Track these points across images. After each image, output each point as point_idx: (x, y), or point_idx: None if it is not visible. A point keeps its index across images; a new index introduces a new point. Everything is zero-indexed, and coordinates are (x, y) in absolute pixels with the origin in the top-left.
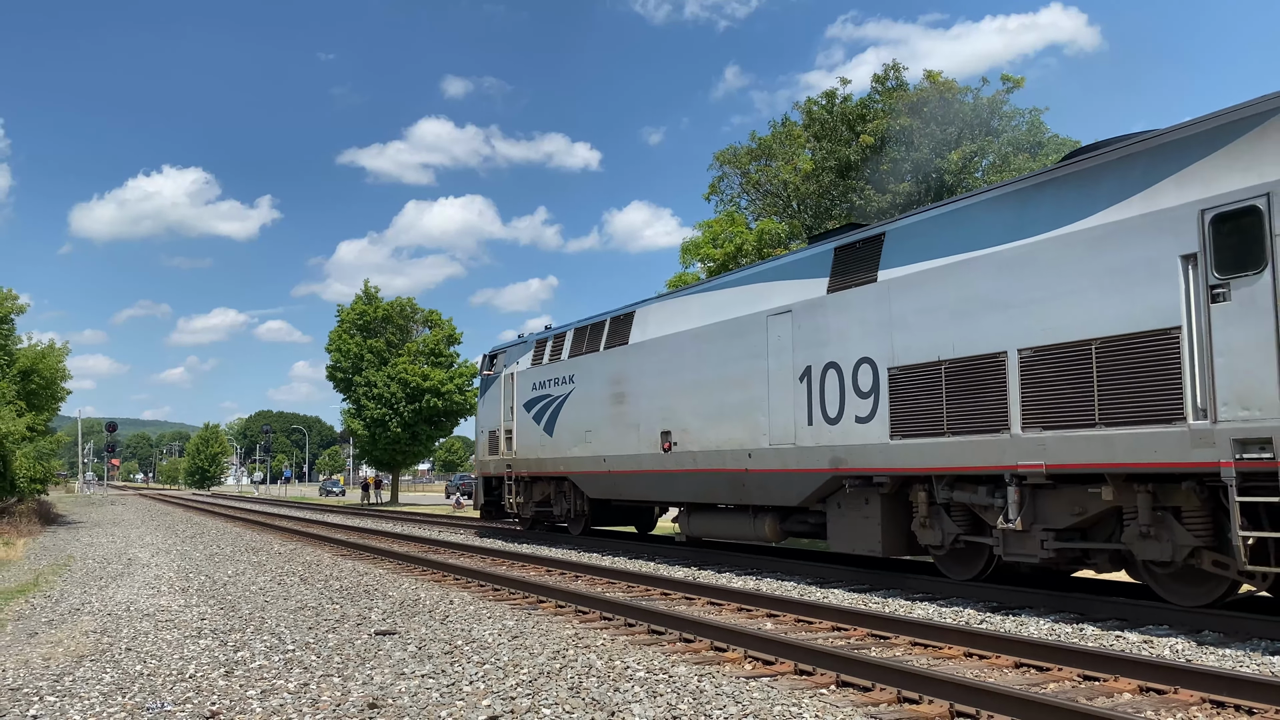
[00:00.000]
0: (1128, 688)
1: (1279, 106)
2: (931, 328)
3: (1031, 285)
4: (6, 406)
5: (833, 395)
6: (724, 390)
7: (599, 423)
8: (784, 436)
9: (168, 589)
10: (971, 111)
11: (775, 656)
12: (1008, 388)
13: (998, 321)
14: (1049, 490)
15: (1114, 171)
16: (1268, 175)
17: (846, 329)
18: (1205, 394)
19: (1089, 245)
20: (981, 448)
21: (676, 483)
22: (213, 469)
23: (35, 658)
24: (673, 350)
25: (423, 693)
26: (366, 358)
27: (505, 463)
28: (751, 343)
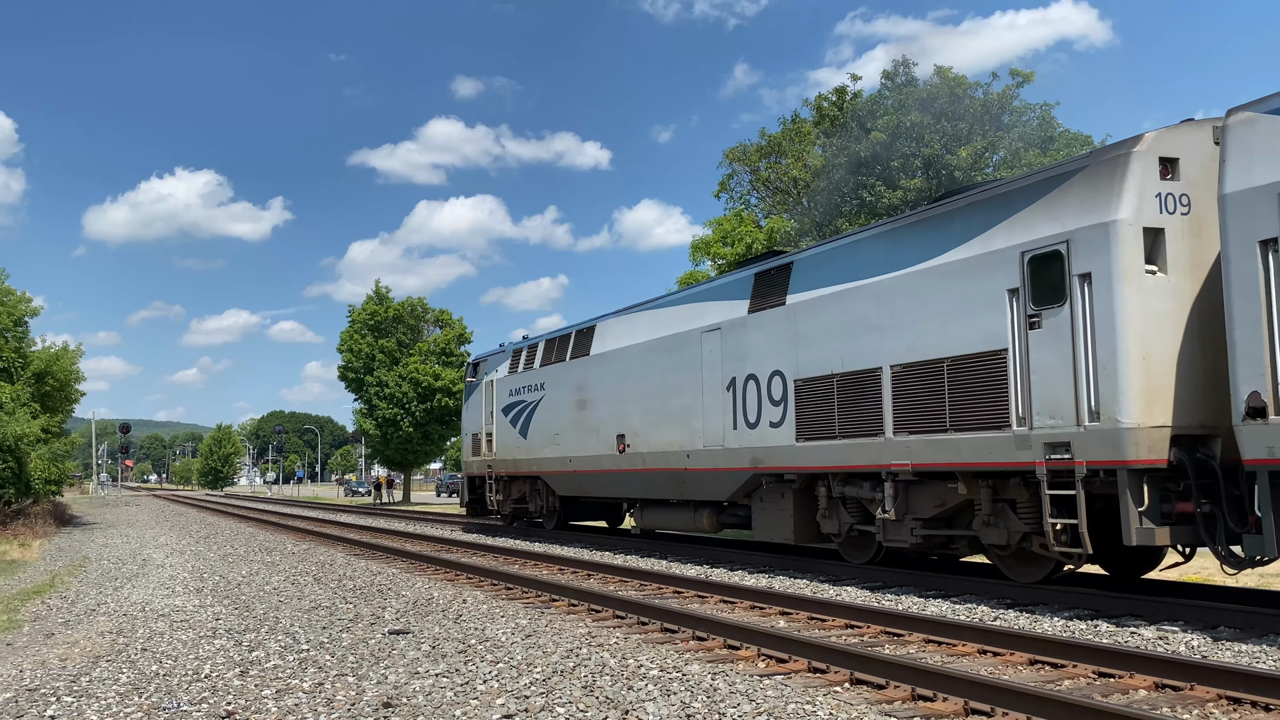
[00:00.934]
0: (1143, 684)
1: (1077, 169)
2: (826, 345)
3: (900, 311)
4: (21, 409)
5: (752, 403)
6: (667, 397)
7: (565, 426)
8: (715, 439)
9: (182, 589)
10: (982, 107)
11: (789, 654)
12: (882, 398)
13: (874, 341)
14: (917, 485)
15: (961, 216)
16: (1068, 225)
17: (763, 345)
18: (1025, 405)
19: (942, 278)
20: (864, 449)
21: (630, 481)
22: (226, 469)
23: (52, 658)
24: (626, 361)
25: (437, 692)
26: (378, 357)
27: (486, 463)
28: (688, 356)
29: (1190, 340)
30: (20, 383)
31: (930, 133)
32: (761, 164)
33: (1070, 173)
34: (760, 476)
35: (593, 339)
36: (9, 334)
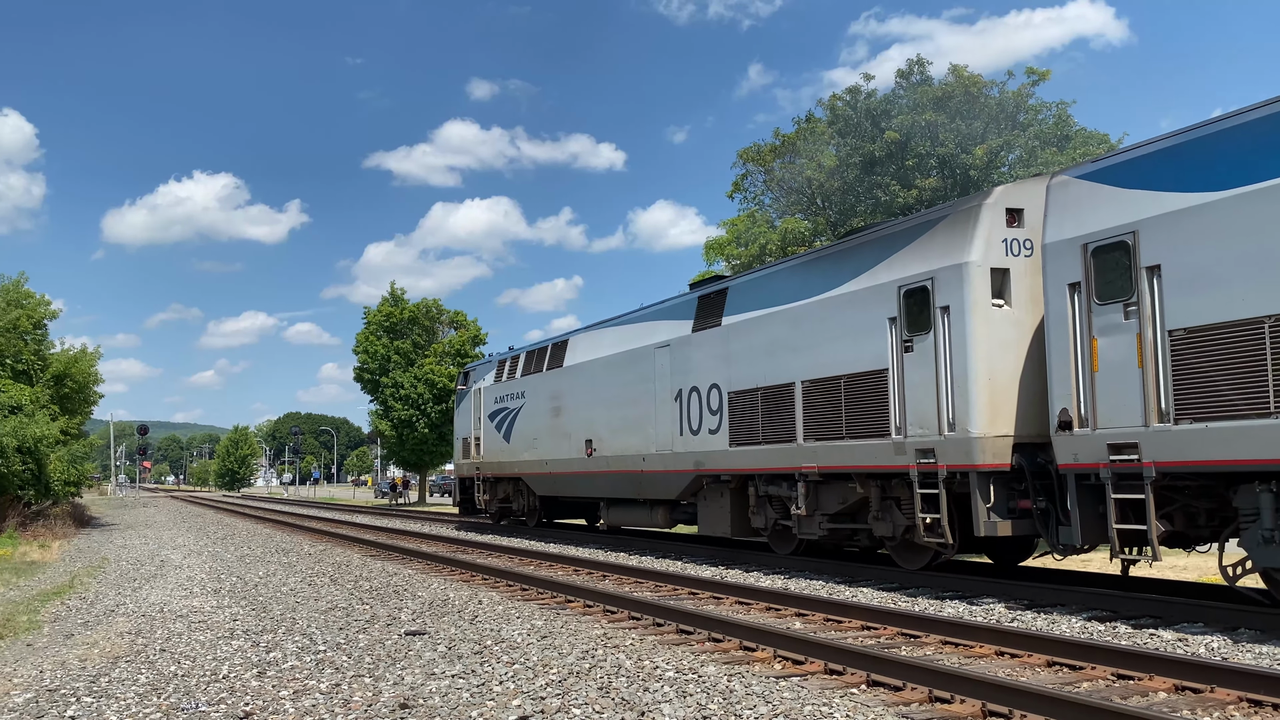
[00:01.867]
0: (1163, 686)
1: (942, 216)
2: (753, 362)
3: (808, 334)
4: (41, 411)
5: (695, 412)
6: (626, 406)
7: (542, 432)
8: (665, 444)
9: (200, 590)
10: (997, 105)
11: (805, 656)
12: (795, 409)
13: (789, 359)
14: (824, 485)
15: (856, 254)
16: (933, 264)
17: (704, 361)
18: (901, 417)
19: (840, 307)
20: (781, 453)
21: (597, 482)
22: (242, 471)
23: (72, 659)
24: (593, 373)
25: (453, 693)
26: (393, 359)
27: (475, 465)
28: (644, 369)
29: (1030, 363)
30: (40, 385)
31: (945, 132)
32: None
33: (937, 220)
34: (702, 478)
35: (566, 352)
36: (29, 337)
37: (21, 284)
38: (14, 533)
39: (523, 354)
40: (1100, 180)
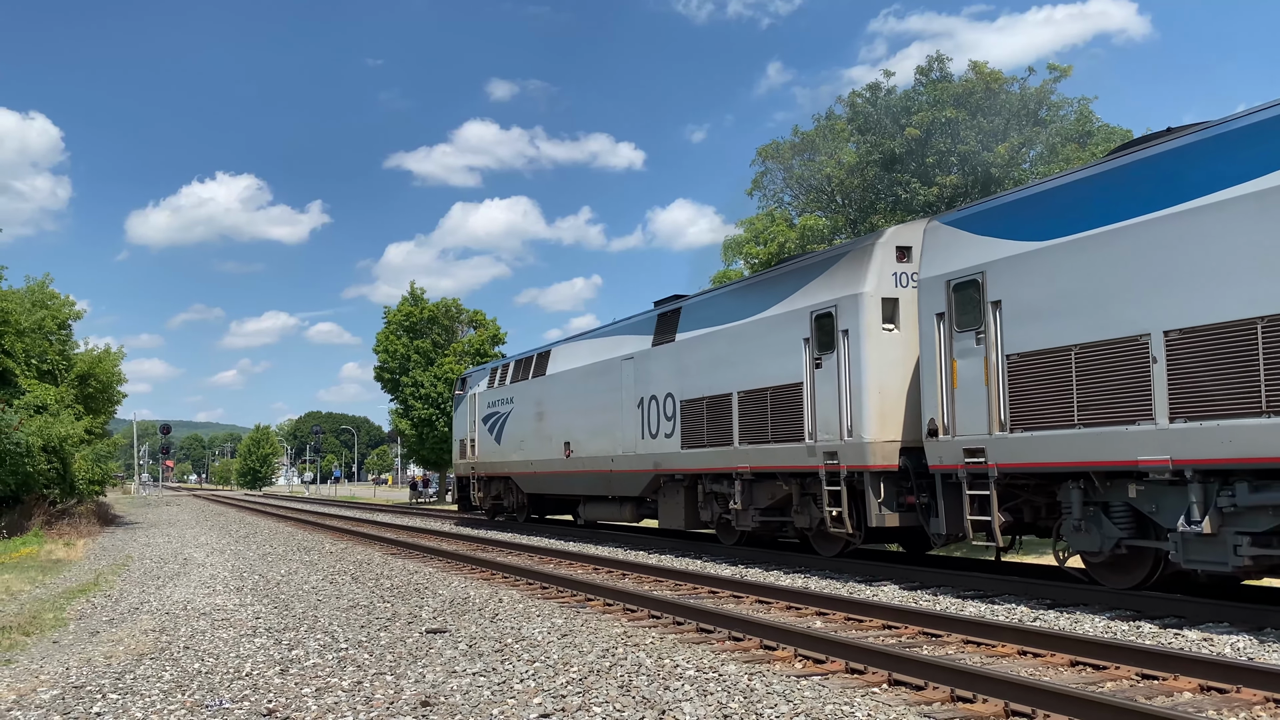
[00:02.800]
0: (1188, 686)
1: (845, 252)
2: (700, 374)
3: (743, 350)
4: (65, 410)
5: (654, 418)
6: (598, 413)
7: (528, 435)
8: (630, 447)
9: (223, 588)
10: (1018, 102)
11: (826, 655)
12: (733, 417)
13: (728, 372)
14: (756, 483)
15: (781, 281)
16: (837, 293)
17: (661, 372)
18: (813, 424)
19: (768, 327)
20: (722, 455)
21: (575, 480)
22: (264, 469)
23: (98, 656)
24: (571, 381)
25: (474, 691)
26: (413, 358)
27: (470, 465)
28: (613, 379)
29: (914, 379)
30: (64, 385)
31: (966, 129)
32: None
33: (842, 254)
34: (660, 477)
35: (548, 362)
36: (53, 337)
37: (46, 285)
38: (40, 531)
39: (512, 363)
40: (961, 227)
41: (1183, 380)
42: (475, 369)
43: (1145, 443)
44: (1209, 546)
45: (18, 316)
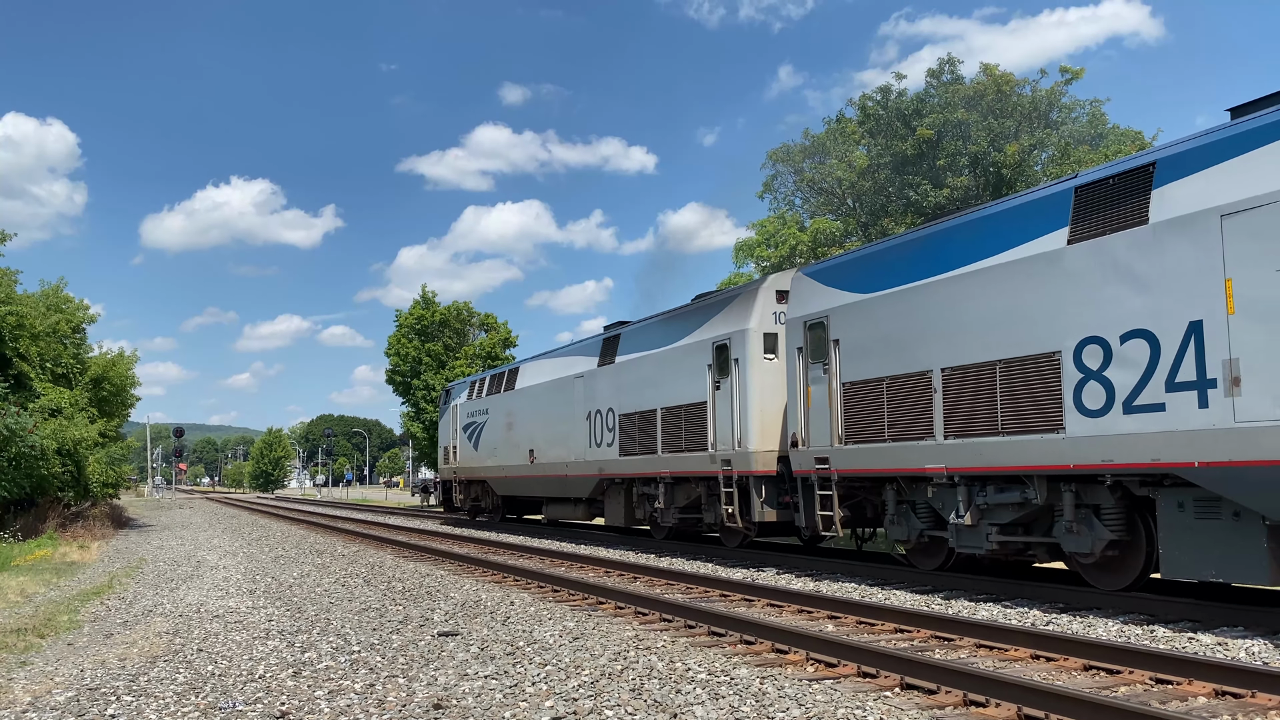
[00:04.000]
0: (1202, 691)
1: (738, 294)
2: (633, 392)
3: (665, 373)
4: (79, 414)
5: (599, 429)
6: (556, 424)
7: (500, 443)
8: (580, 454)
9: (236, 591)
10: (1030, 104)
11: (838, 659)
12: (656, 429)
13: (654, 392)
14: (675, 486)
15: (694, 315)
16: (731, 328)
17: (604, 389)
18: (714, 437)
19: (683, 353)
20: (649, 462)
21: (537, 483)
22: (276, 472)
23: (111, 658)
24: (534, 395)
25: (486, 694)
26: (425, 361)
27: (453, 470)
28: (568, 394)
29: (788, 400)
30: (78, 388)
31: (977, 130)
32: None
33: (736, 295)
34: (604, 480)
35: (517, 377)
36: (68, 340)
37: (61, 289)
38: (54, 533)
39: (488, 377)
40: (815, 278)
41: (952, 407)
42: (457, 382)
43: (930, 455)
44: (972, 534)
45: (32, 320)
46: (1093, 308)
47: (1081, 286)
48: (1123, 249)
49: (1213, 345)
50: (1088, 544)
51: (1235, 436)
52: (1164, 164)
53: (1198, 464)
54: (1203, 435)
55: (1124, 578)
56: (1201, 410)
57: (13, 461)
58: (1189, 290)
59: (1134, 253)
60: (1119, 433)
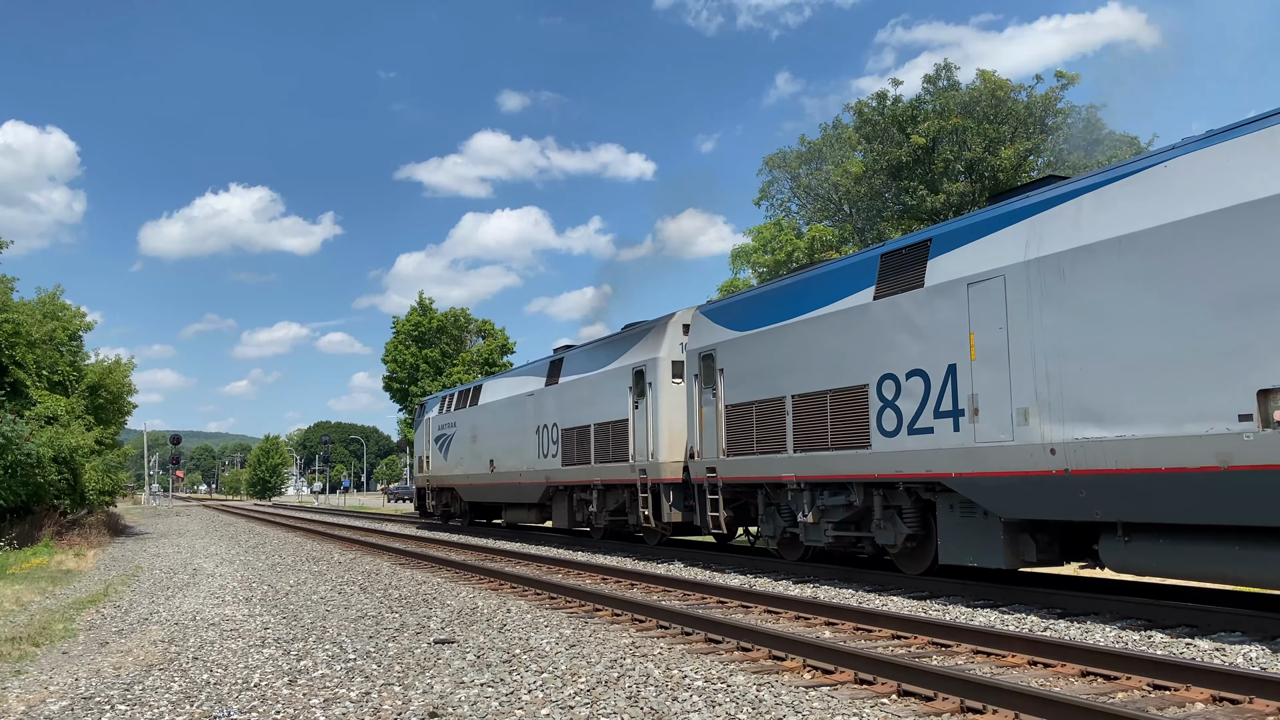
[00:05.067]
0: (1200, 697)
1: (653, 327)
2: (573, 409)
3: (597, 394)
4: (76, 421)
5: (546, 442)
6: (511, 437)
7: (466, 454)
8: (531, 464)
9: (232, 599)
10: (1025, 109)
11: (835, 665)
12: (590, 442)
13: (588, 409)
14: (606, 492)
15: (620, 343)
16: (646, 356)
17: (551, 407)
18: (634, 449)
19: (610, 377)
20: (584, 471)
21: (497, 490)
22: (273, 479)
23: (106, 666)
24: (494, 411)
25: (482, 701)
26: (422, 368)
27: (426, 478)
28: (521, 410)
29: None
30: (75, 396)
31: (973, 136)
32: (802, 170)
33: (652, 328)
34: (550, 487)
35: (480, 394)
36: (64, 348)
37: (57, 296)
38: (50, 541)
39: (456, 393)
40: (708, 316)
41: (799, 427)
42: (430, 396)
43: (785, 465)
44: (815, 530)
45: (29, 328)
46: (889, 351)
47: (882, 334)
48: (908, 306)
49: (962, 383)
50: (893, 538)
51: (976, 454)
52: (936, 240)
53: (954, 475)
54: (956, 452)
55: (921, 565)
56: (955, 433)
57: (9, 469)
58: (948, 340)
59: (914, 309)
60: (905, 450)
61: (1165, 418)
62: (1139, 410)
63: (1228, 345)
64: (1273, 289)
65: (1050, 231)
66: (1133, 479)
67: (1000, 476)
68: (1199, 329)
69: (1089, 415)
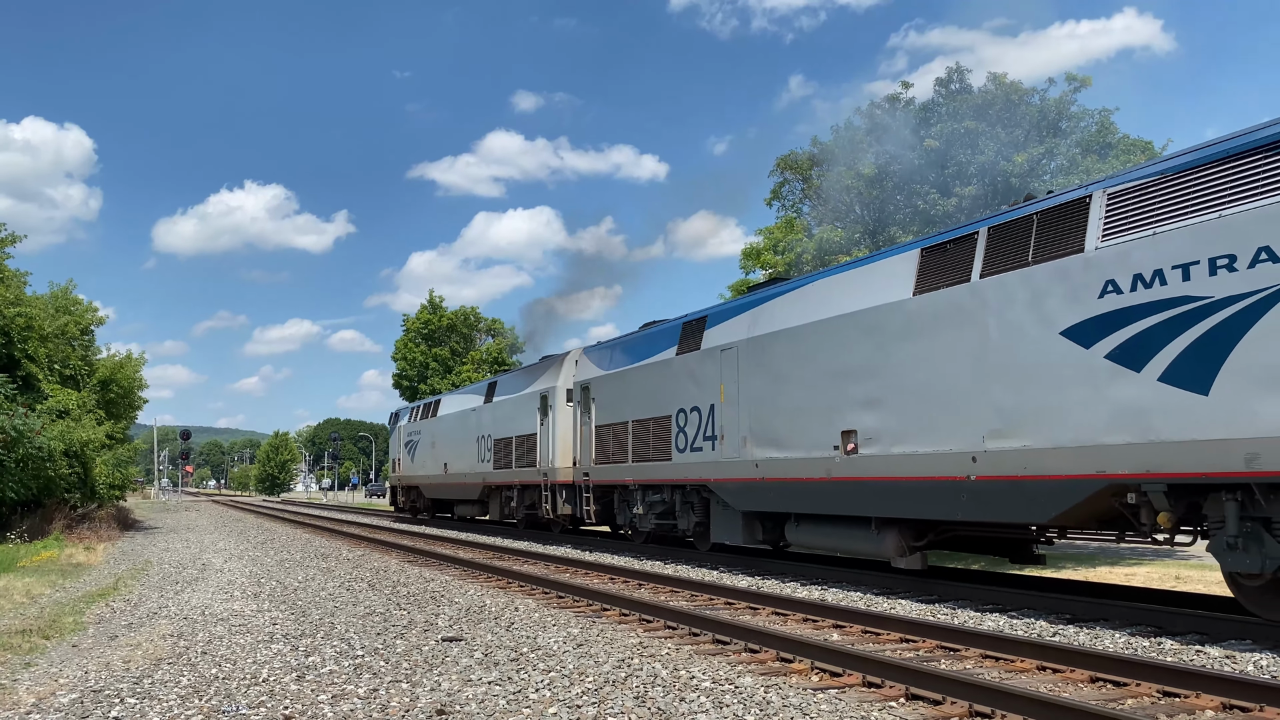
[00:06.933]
0: (1210, 705)
1: (557, 360)
2: (501, 424)
3: (518, 412)
4: (87, 415)
5: (484, 450)
6: (460, 444)
7: (427, 458)
8: (473, 468)
9: (240, 594)
10: (1038, 113)
11: (843, 668)
12: (512, 451)
13: (512, 424)
14: (524, 490)
15: (536, 371)
16: (550, 384)
17: (487, 421)
18: (541, 457)
19: (526, 399)
20: (509, 474)
21: (449, 489)
22: (282, 476)
23: (116, 660)
24: (449, 422)
25: (489, 700)
26: (431, 366)
27: (398, 478)
28: (467, 423)
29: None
30: (86, 390)
31: (985, 139)
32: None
33: (555, 362)
34: (487, 487)
35: (439, 407)
36: (76, 343)
37: (69, 291)
38: (60, 535)
39: (421, 406)
40: (588, 355)
41: (635, 444)
42: (403, 408)
43: (627, 472)
44: (645, 520)
45: (41, 322)
46: (683, 392)
47: (680, 380)
48: (693, 362)
49: (716, 417)
50: (688, 525)
51: (722, 466)
52: (711, 317)
53: (713, 480)
54: (713, 465)
55: (706, 544)
56: (713, 452)
57: (20, 463)
58: (711, 387)
59: (696, 364)
60: (690, 462)
61: (805, 445)
62: (793, 440)
63: (830, 402)
64: (846, 370)
65: (761, 320)
66: (792, 484)
67: (734, 482)
68: (817, 390)
69: (773, 442)
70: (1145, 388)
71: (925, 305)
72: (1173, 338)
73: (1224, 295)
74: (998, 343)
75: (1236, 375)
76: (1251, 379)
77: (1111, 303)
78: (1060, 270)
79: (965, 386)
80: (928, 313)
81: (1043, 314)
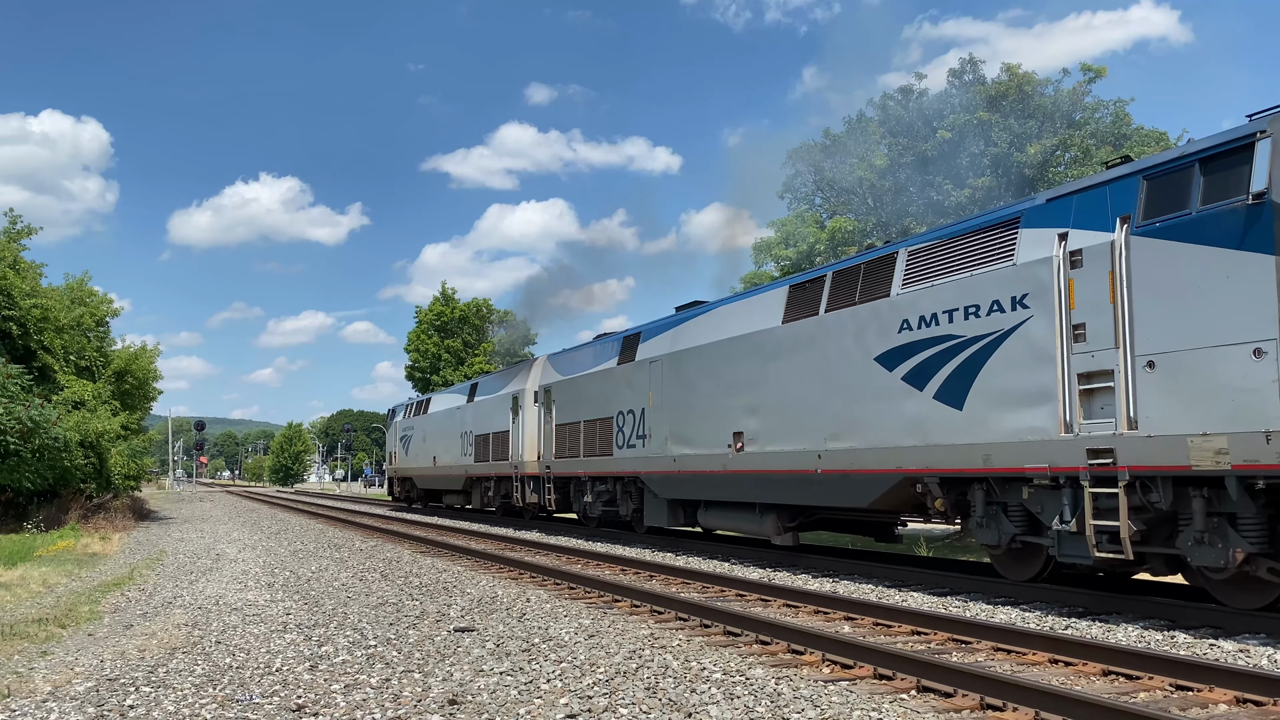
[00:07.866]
0: (1223, 699)
1: (526, 365)
2: (481, 421)
3: (494, 411)
4: (102, 406)
5: (466, 445)
6: (447, 439)
7: (419, 451)
8: (458, 461)
9: (254, 584)
10: (1052, 104)
11: (854, 660)
12: (490, 446)
13: (488, 421)
14: (499, 481)
15: (510, 374)
16: (521, 386)
17: (469, 418)
18: (513, 451)
19: (501, 399)
20: (487, 467)
21: (438, 480)
22: (296, 467)
23: (131, 649)
24: (437, 419)
25: (501, 690)
26: (444, 358)
27: (394, 470)
28: (453, 419)
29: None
30: (101, 381)
31: (998, 130)
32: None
33: (525, 366)
34: (469, 478)
35: (429, 405)
36: (91, 334)
37: (85, 283)
38: (76, 525)
39: (414, 403)
40: (549, 361)
41: (586, 441)
42: (398, 404)
43: (580, 465)
44: (593, 507)
45: (57, 314)
46: (621, 397)
47: (619, 387)
48: (629, 370)
49: (646, 419)
50: (628, 512)
51: (651, 460)
52: (644, 333)
53: (644, 473)
54: (644, 459)
55: (642, 527)
56: (644, 449)
57: (36, 453)
58: (643, 393)
59: (632, 373)
60: (626, 457)
61: (709, 443)
62: (701, 439)
63: (725, 408)
64: (736, 382)
65: (680, 338)
66: (700, 476)
67: (659, 474)
68: (717, 398)
69: (686, 441)
70: (925, 403)
71: (790, 332)
72: (942, 365)
73: (972, 335)
74: (835, 364)
75: (979, 395)
76: (988, 398)
77: (906, 336)
78: (875, 310)
79: (814, 398)
80: (791, 338)
81: (863, 343)
